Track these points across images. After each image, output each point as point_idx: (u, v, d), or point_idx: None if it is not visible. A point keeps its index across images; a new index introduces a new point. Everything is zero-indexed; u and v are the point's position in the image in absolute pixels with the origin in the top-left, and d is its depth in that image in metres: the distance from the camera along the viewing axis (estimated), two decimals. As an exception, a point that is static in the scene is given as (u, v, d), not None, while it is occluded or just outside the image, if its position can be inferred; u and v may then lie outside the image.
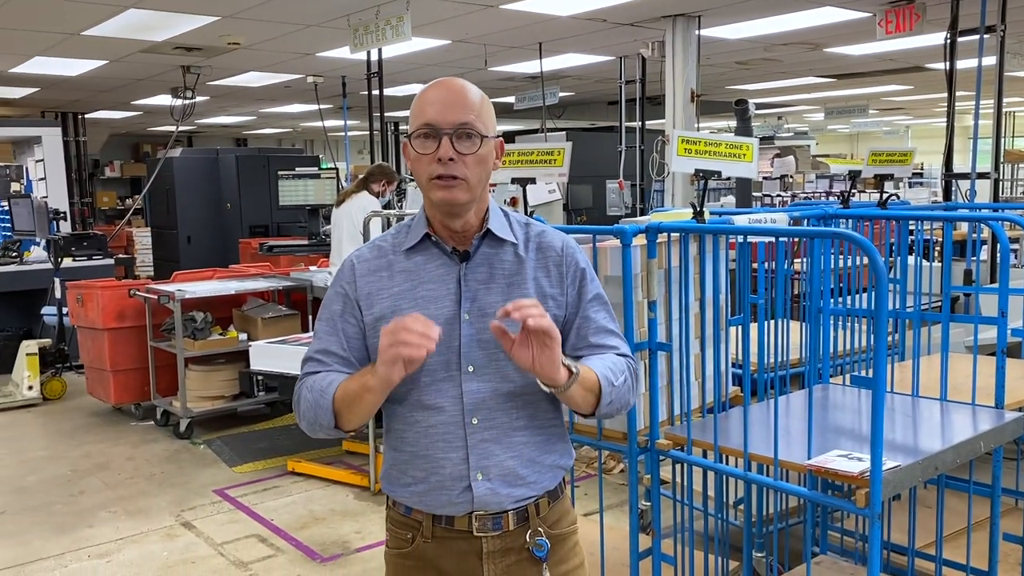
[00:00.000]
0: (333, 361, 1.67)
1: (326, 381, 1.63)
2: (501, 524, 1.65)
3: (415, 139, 1.59)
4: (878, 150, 4.30)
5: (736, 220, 3.14)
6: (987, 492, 2.70)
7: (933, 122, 20.55)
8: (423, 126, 1.57)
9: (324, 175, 8.37)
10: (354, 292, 1.66)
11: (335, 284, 1.70)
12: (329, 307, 1.70)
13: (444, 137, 1.56)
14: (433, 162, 1.57)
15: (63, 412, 6.53)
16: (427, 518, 1.66)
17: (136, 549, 4.09)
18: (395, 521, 1.72)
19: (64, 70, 9.43)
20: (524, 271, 1.66)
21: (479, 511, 1.64)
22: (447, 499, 1.63)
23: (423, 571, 1.68)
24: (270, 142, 20.76)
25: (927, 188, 14.50)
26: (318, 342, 1.69)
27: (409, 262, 1.66)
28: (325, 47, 8.41)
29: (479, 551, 1.65)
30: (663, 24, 7.33)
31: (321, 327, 1.70)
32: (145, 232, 13.07)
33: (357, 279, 1.67)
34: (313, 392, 1.63)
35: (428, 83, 1.64)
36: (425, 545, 1.67)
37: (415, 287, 1.64)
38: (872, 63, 10.35)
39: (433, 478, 1.64)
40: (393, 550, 1.74)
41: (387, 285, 1.65)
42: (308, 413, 1.64)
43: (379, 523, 4.33)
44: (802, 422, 2.50)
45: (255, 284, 6.28)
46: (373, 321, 1.64)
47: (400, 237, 1.69)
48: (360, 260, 1.69)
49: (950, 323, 3.01)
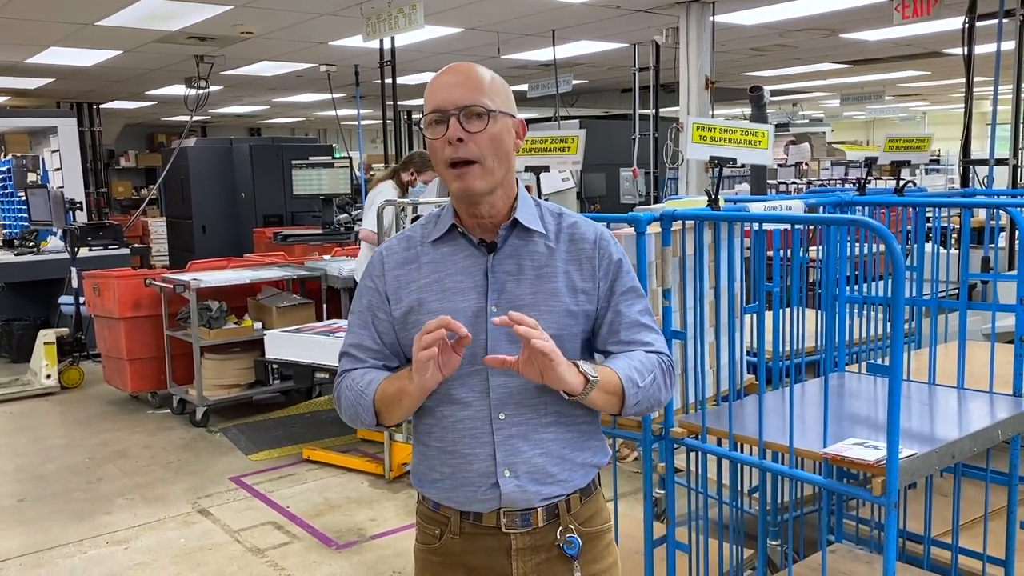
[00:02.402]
0: (367, 356, 1.67)
1: (365, 380, 1.63)
2: (530, 521, 1.61)
3: (427, 127, 1.57)
4: (895, 136, 4.26)
5: (751, 207, 3.12)
6: (1004, 480, 2.68)
7: (950, 108, 20.35)
8: (432, 111, 1.55)
9: (338, 164, 8.38)
10: (383, 286, 1.65)
11: (365, 277, 1.70)
12: (360, 300, 1.69)
13: (452, 118, 1.53)
14: (445, 146, 1.54)
15: (81, 400, 6.59)
16: (455, 514, 1.64)
17: (153, 536, 4.13)
18: (424, 516, 1.71)
19: (79, 60, 9.47)
20: (554, 263, 1.62)
21: (507, 508, 1.60)
22: (474, 495, 1.61)
23: (451, 568, 1.65)
24: (283, 131, 20.80)
25: (944, 175, 14.37)
26: (352, 336, 1.69)
27: (436, 253, 1.62)
28: (338, 36, 8.41)
29: (508, 548, 1.62)
30: (677, 10, 7.28)
31: (354, 320, 1.70)
32: (160, 222, 13.14)
33: (386, 272, 1.65)
34: (353, 391, 1.64)
35: (445, 68, 1.62)
36: (453, 541, 1.64)
37: (441, 279, 1.60)
38: (889, 48, 10.24)
39: (460, 474, 1.61)
40: (422, 545, 1.72)
41: (414, 277, 1.62)
42: (349, 410, 1.66)
43: (394, 511, 4.35)
44: (817, 410, 2.49)
45: (269, 273, 6.31)
46: (402, 315, 1.63)
47: (428, 228, 1.66)
48: (389, 253, 1.67)
49: (967, 311, 2.99)
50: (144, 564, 3.85)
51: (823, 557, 2.52)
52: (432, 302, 1.59)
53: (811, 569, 2.89)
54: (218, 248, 10.05)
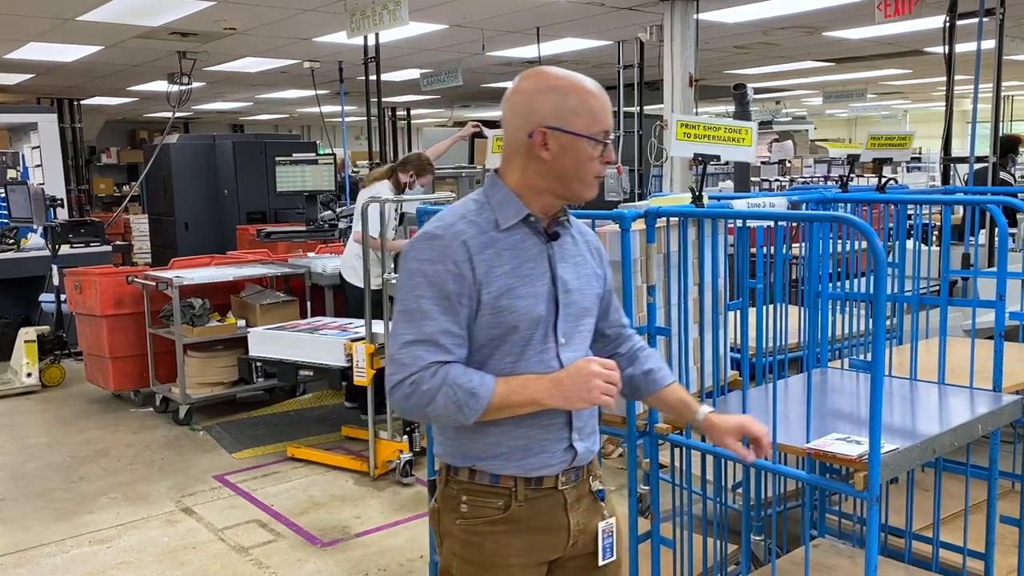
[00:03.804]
0: (454, 344, 1.66)
1: (475, 379, 1.64)
2: (579, 475, 1.82)
3: (593, 143, 1.70)
4: (877, 134, 4.28)
5: (735, 204, 3.14)
6: (984, 475, 2.71)
7: (931, 106, 20.51)
8: (603, 133, 1.71)
9: (322, 161, 8.35)
10: (470, 270, 1.65)
11: (441, 261, 1.65)
12: (440, 286, 1.65)
13: (610, 143, 1.72)
14: (600, 163, 1.72)
15: (62, 399, 6.54)
16: (520, 481, 1.74)
17: (137, 535, 4.11)
18: (477, 492, 1.76)
19: (59, 56, 9.38)
20: (582, 252, 1.82)
21: (574, 465, 1.79)
22: (545, 460, 1.75)
23: (515, 534, 1.75)
24: (267, 128, 20.69)
25: (925, 172, 14.48)
26: (434, 323, 1.64)
27: (509, 240, 1.71)
28: (322, 32, 8.37)
29: (564, 503, 1.78)
30: (661, 7, 7.29)
31: (432, 306, 1.64)
32: (142, 219, 13.04)
33: (473, 257, 1.66)
34: (458, 391, 1.62)
35: (580, 81, 1.71)
36: (519, 508, 1.75)
37: (520, 265, 1.70)
38: (871, 47, 10.31)
39: (536, 444, 1.74)
40: (477, 520, 1.76)
41: (497, 263, 1.68)
42: (446, 407, 1.63)
43: (379, 508, 4.35)
44: (800, 406, 2.51)
45: (253, 271, 6.28)
46: (492, 299, 1.66)
47: (486, 214, 1.71)
48: (469, 238, 1.67)
49: (948, 307, 3.01)
50: (127, 563, 3.82)
51: (806, 552, 2.54)
52: (519, 287, 1.69)
53: (794, 564, 2.91)
54: (201, 245, 9.99)
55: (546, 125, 1.67)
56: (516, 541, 1.75)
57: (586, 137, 1.68)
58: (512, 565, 1.76)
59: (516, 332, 1.68)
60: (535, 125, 1.68)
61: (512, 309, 1.66)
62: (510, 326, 1.68)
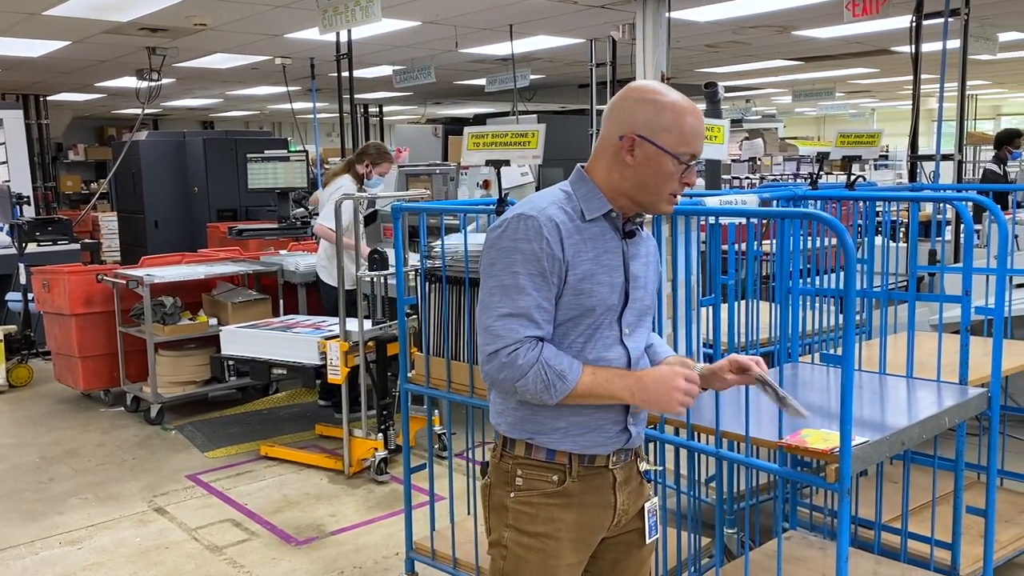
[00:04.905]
0: (544, 320, 1.77)
1: (564, 363, 1.76)
2: (628, 456, 1.94)
3: (675, 162, 1.78)
4: (846, 132, 4.34)
5: (707, 202, 3.17)
6: (951, 467, 2.77)
7: (898, 105, 20.78)
8: (689, 156, 1.80)
9: (294, 158, 8.29)
10: (561, 251, 1.76)
11: (534, 241, 1.75)
12: (536, 262, 1.75)
13: (692, 167, 1.81)
14: (678, 182, 1.81)
15: (30, 399, 6.45)
16: (575, 458, 1.85)
17: (108, 535, 4.07)
18: (532, 466, 1.86)
19: (25, 51, 9.23)
20: (649, 253, 1.96)
21: (625, 448, 1.90)
22: (602, 439, 1.86)
23: (568, 508, 1.86)
24: (237, 125, 20.49)
25: (892, 170, 14.68)
26: (529, 298, 1.75)
27: (592, 231, 1.82)
28: (294, 28, 8.31)
29: (613, 482, 1.89)
30: (633, 6, 7.31)
31: (528, 282, 1.75)
32: (111, 217, 12.86)
33: (564, 239, 1.77)
34: (549, 371, 1.74)
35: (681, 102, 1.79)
36: (573, 483, 1.85)
37: (600, 255, 1.81)
38: (839, 46, 10.43)
39: (593, 421, 1.84)
40: (531, 492, 1.86)
41: (583, 249, 1.79)
42: (535, 385, 1.75)
43: (353, 506, 4.34)
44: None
45: (225, 268, 6.23)
46: (576, 281, 1.78)
47: (573, 205, 1.82)
48: (560, 223, 1.78)
49: (916, 302, 3.07)
50: (99, 564, 3.79)
51: (779, 544, 2.58)
52: (600, 274, 1.80)
53: (767, 556, 2.95)
54: (171, 243, 9.88)
55: (636, 133, 1.78)
56: (568, 516, 1.85)
57: (670, 154, 1.77)
58: (563, 539, 1.86)
59: (591, 316, 1.80)
60: (627, 130, 1.79)
61: (592, 293, 1.78)
62: (587, 308, 1.79)
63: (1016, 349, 3.32)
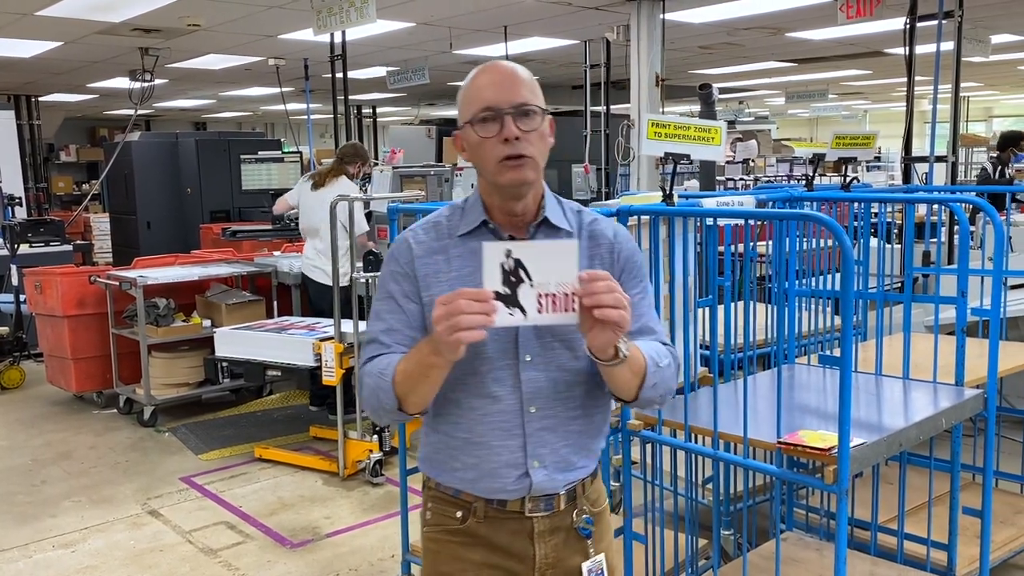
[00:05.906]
0: (396, 341, 1.65)
1: (385, 362, 1.62)
2: (552, 505, 1.68)
3: (477, 124, 1.58)
4: (842, 133, 4.35)
5: (704, 203, 3.17)
6: (947, 468, 2.77)
7: (891, 106, 20.85)
8: (483, 110, 1.58)
9: (288, 159, 8.28)
10: (412, 271, 1.65)
11: (390, 264, 1.69)
12: (386, 287, 1.68)
13: (506, 117, 1.56)
14: (499, 143, 1.57)
15: (22, 401, 6.41)
16: (480, 501, 1.68)
17: (102, 538, 4.05)
18: (440, 500, 1.73)
19: (17, 51, 9.19)
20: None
21: (534, 495, 1.66)
22: (501, 485, 1.65)
23: (473, 548, 1.69)
24: (230, 126, 20.45)
25: (885, 172, 14.72)
26: (380, 323, 1.67)
27: (465, 248, 1.64)
28: (287, 29, 8.29)
29: (531, 531, 1.68)
30: (628, 7, 7.33)
31: (381, 307, 1.68)
32: (103, 218, 12.80)
33: (415, 259, 1.65)
34: (372, 376, 1.62)
35: (479, 68, 1.63)
36: (478, 525, 1.69)
37: (472, 273, 1.58)
38: (833, 48, 10.46)
39: (485, 464, 1.65)
40: (437, 528, 1.73)
41: (444, 269, 1.64)
42: (371, 399, 1.64)
43: (348, 508, 4.32)
44: (770, 401, 2.55)
45: (218, 270, 6.21)
46: (430, 302, 1.61)
47: (455, 220, 1.68)
48: (417, 241, 1.67)
49: (912, 303, 3.07)
50: (92, 567, 3.76)
51: (777, 545, 2.58)
52: None
53: (764, 558, 2.95)
54: (164, 244, 9.84)
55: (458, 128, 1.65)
56: (474, 556, 1.69)
57: (469, 123, 1.60)
58: None
59: None
60: None
61: None
62: None
63: (1012, 350, 3.33)
